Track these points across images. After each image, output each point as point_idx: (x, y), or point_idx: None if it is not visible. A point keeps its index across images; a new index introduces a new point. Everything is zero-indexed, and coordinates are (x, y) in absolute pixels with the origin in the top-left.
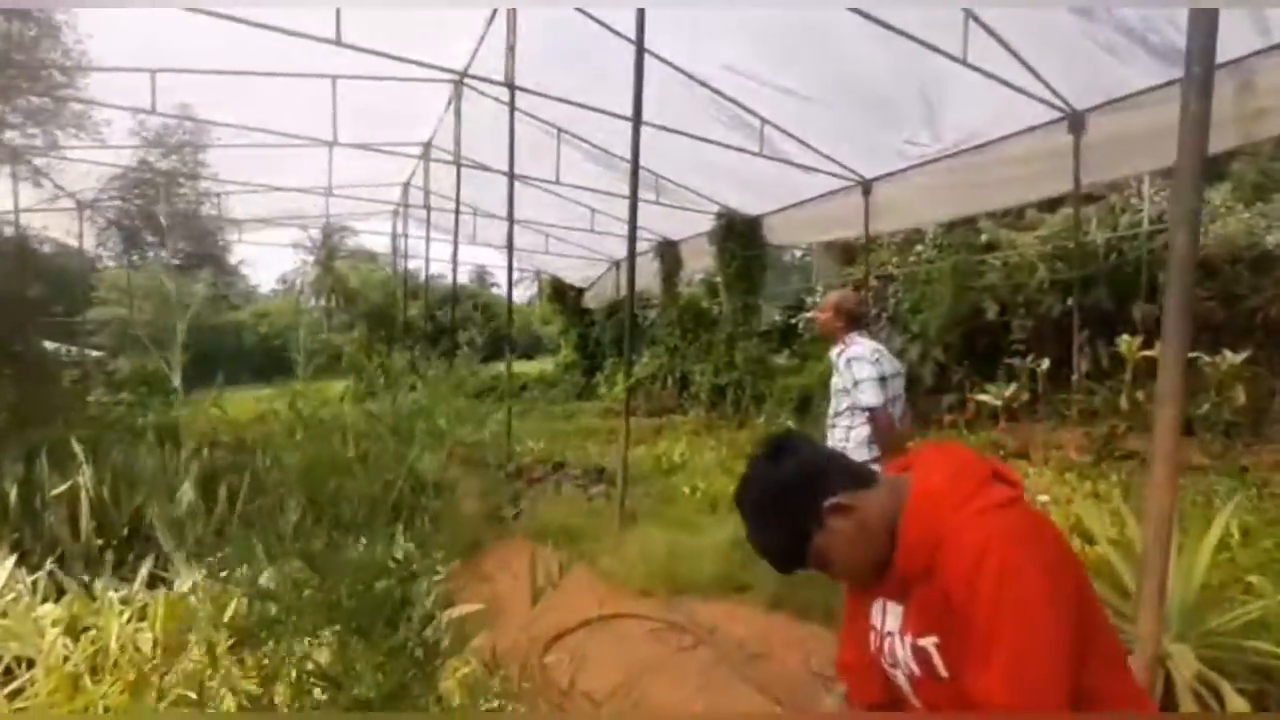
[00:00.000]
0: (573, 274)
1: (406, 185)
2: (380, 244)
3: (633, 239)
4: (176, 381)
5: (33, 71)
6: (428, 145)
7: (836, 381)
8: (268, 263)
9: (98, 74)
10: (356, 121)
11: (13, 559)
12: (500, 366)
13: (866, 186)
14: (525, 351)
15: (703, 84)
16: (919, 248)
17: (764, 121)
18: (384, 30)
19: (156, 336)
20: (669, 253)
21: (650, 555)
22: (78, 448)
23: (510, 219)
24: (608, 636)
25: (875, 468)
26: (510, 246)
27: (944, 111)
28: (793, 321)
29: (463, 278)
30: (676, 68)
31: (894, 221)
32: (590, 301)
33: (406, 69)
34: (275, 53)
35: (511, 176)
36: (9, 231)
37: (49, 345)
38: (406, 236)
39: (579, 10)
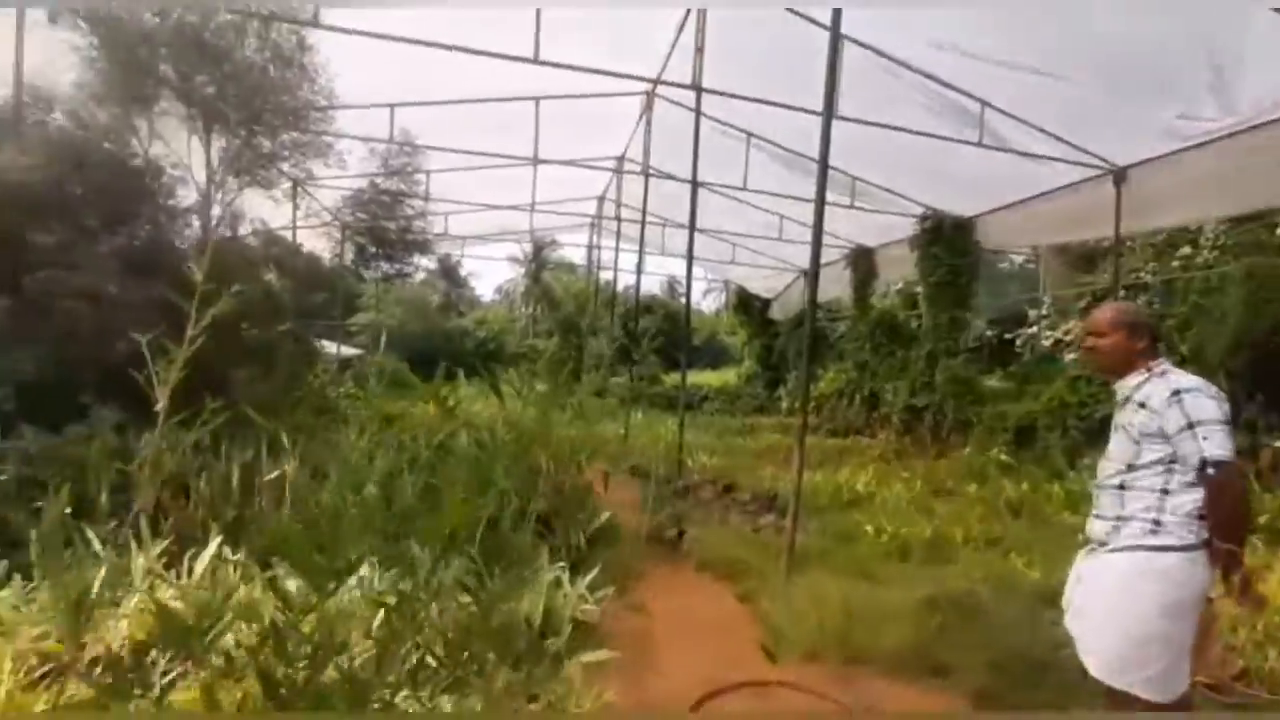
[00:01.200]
0: (759, 284)
1: (601, 199)
2: (580, 256)
3: (817, 242)
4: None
5: (293, 110)
6: (621, 159)
7: (1138, 421)
8: (490, 274)
9: (341, 108)
10: (556, 139)
11: (217, 540)
12: (692, 377)
13: (1119, 176)
14: (712, 362)
15: (907, 67)
16: (1184, 249)
17: (984, 105)
18: (579, 45)
19: (400, 337)
20: (863, 261)
21: (821, 609)
22: (285, 439)
23: (691, 227)
24: (759, 708)
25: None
26: (690, 254)
27: (1242, 75)
28: (1008, 338)
29: (654, 288)
30: (878, 52)
31: (1156, 218)
32: (776, 312)
33: (601, 83)
34: (482, 77)
35: (695, 184)
36: (277, 249)
37: (325, 343)
38: (599, 248)
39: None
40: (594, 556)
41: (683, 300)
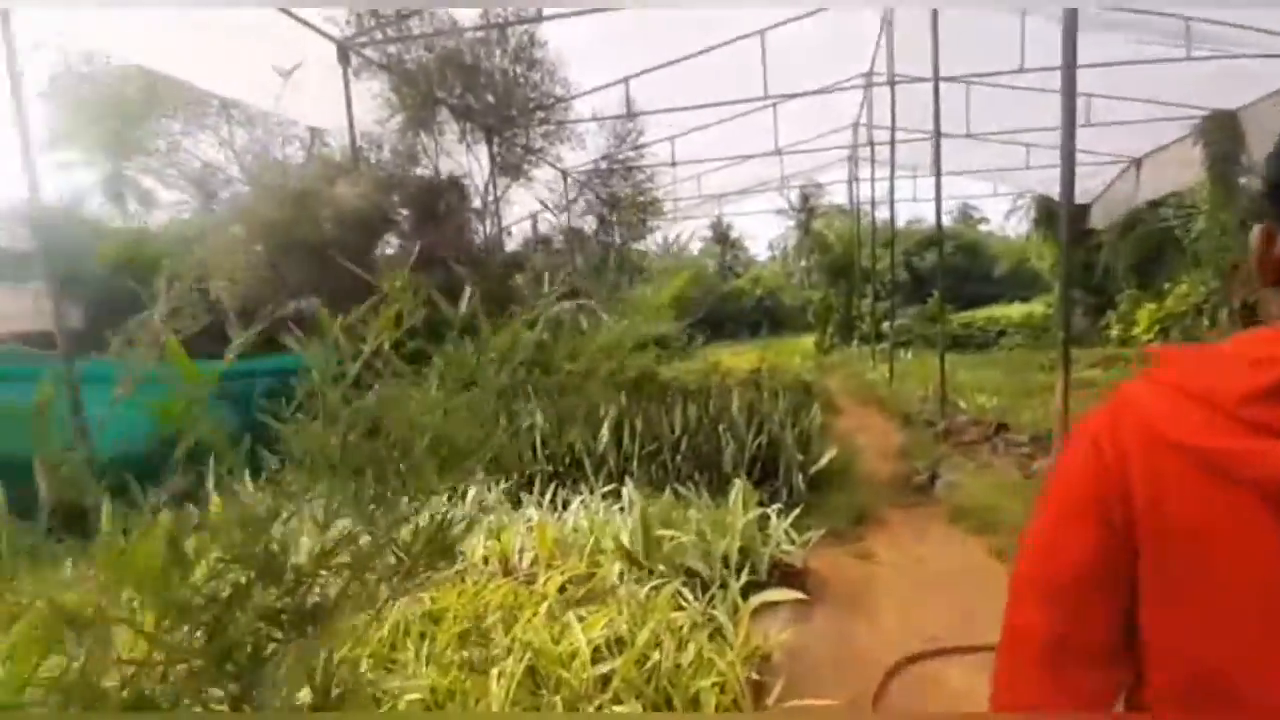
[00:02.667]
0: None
1: (855, 126)
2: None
3: None
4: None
5: (539, 105)
6: (868, 75)
7: None
8: (763, 233)
9: (579, 95)
10: (793, 73)
11: (479, 476)
12: (989, 312)
13: None
14: (1022, 292)
15: None
16: None
17: None
18: None
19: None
20: (1220, 129)
21: None
22: (531, 392)
23: (936, 131)
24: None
25: None
26: (938, 164)
27: None
28: None
29: (944, 217)
30: None
31: None
32: (1097, 218)
33: None
34: (701, 27)
35: (936, 79)
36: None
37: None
38: (857, 180)
39: None
40: (818, 500)
41: (981, 227)
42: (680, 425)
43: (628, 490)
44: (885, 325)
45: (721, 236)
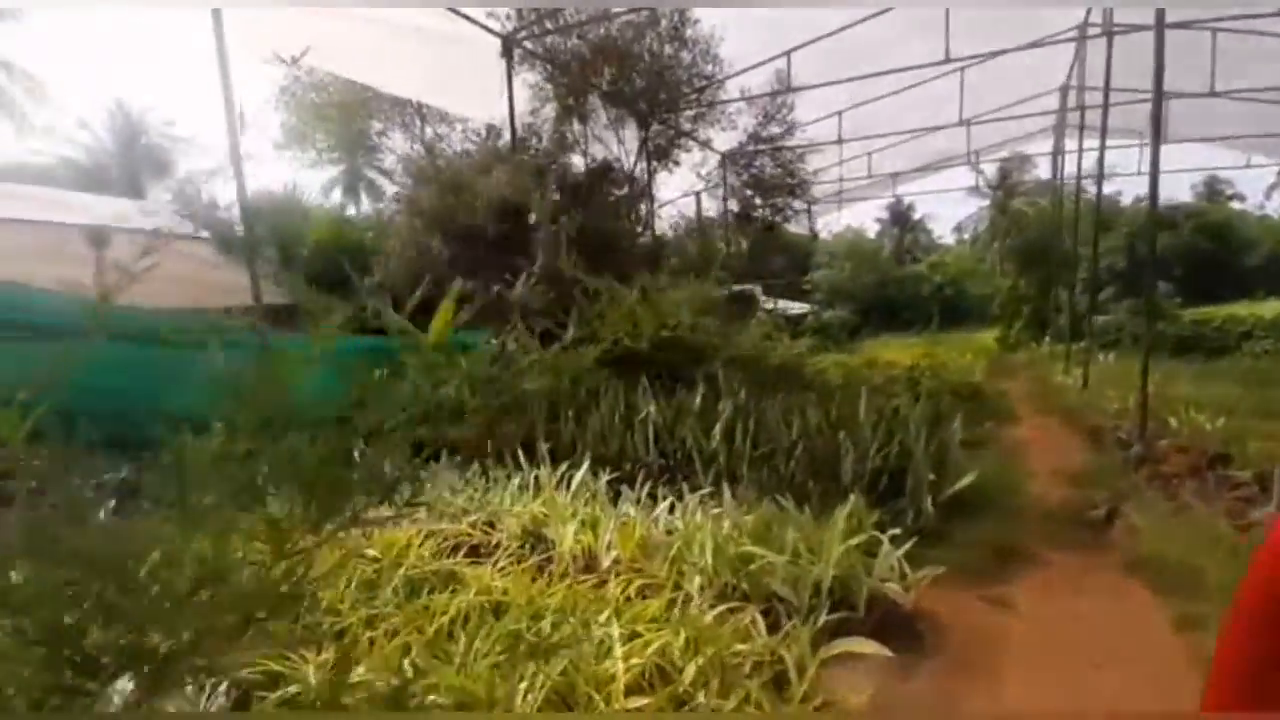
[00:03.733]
0: None
1: (1064, 89)
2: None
3: None
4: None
5: (692, 85)
6: (1083, 26)
7: None
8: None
9: (737, 75)
10: (978, 32)
11: (585, 467)
12: (1232, 309)
13: None
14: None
15: None
16: None
17: None
18: None
19: (851, 291)
20: None
21: None
22: (645, 384)
23: (1158, 84)
24: None
25: None
26: (1157, 125)
27: None
28: None
29: (1184, 193)
30: None
31: None
32: None
33: None
34: None
35: (1160, 27)
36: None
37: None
38: (1064, 154)
39: None
40: (951, 528)
41: (1233, 204)
42: (799, 427)
43: (726, 496)
44: (1099, 319)
45: (900, 218)
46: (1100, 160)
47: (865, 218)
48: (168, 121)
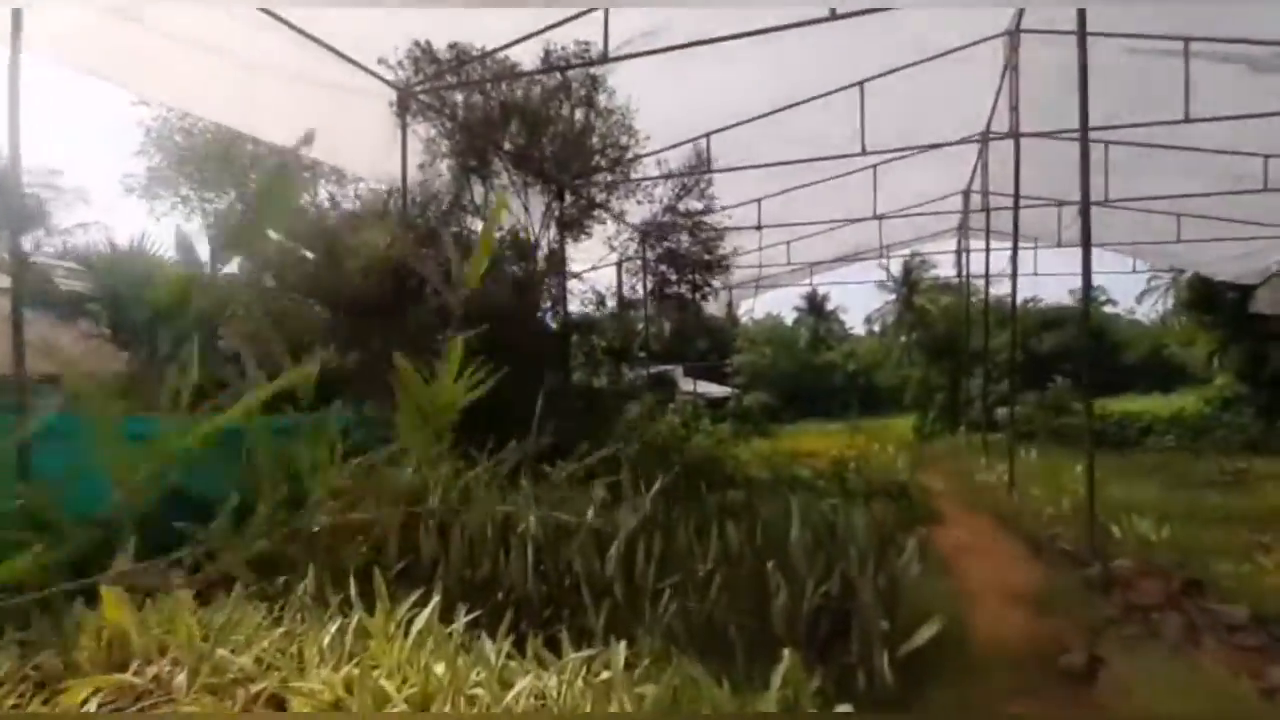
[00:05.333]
0: (1231, 268)
1: (966, 193)
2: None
3: None
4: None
5: (608, 156)
6: (985, 134)
7: None
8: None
9: (654, 153)
10: (897, 127)
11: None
12: (1122, 404)
13: None
14: (1159, 384)
15: None
16: None
17: None
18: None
19: (771, 376)
20: None
21: None
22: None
23: (1084, 186)
24: None
25: None
26: (1086, 231)
27: None
28: None
29: (1063, 296)
30: None
31: None
32: (1264, 305)
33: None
34: (790, 85)
35: (1084, 130)
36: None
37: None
38: (968, 251)
39: None
40: (910, 694)
41: (1106, 309)
42: (718, 550)
43: (615, 656)
44: (999, 411)
45: (817, 307)
46: (1014, 258)
47: (783, 305)
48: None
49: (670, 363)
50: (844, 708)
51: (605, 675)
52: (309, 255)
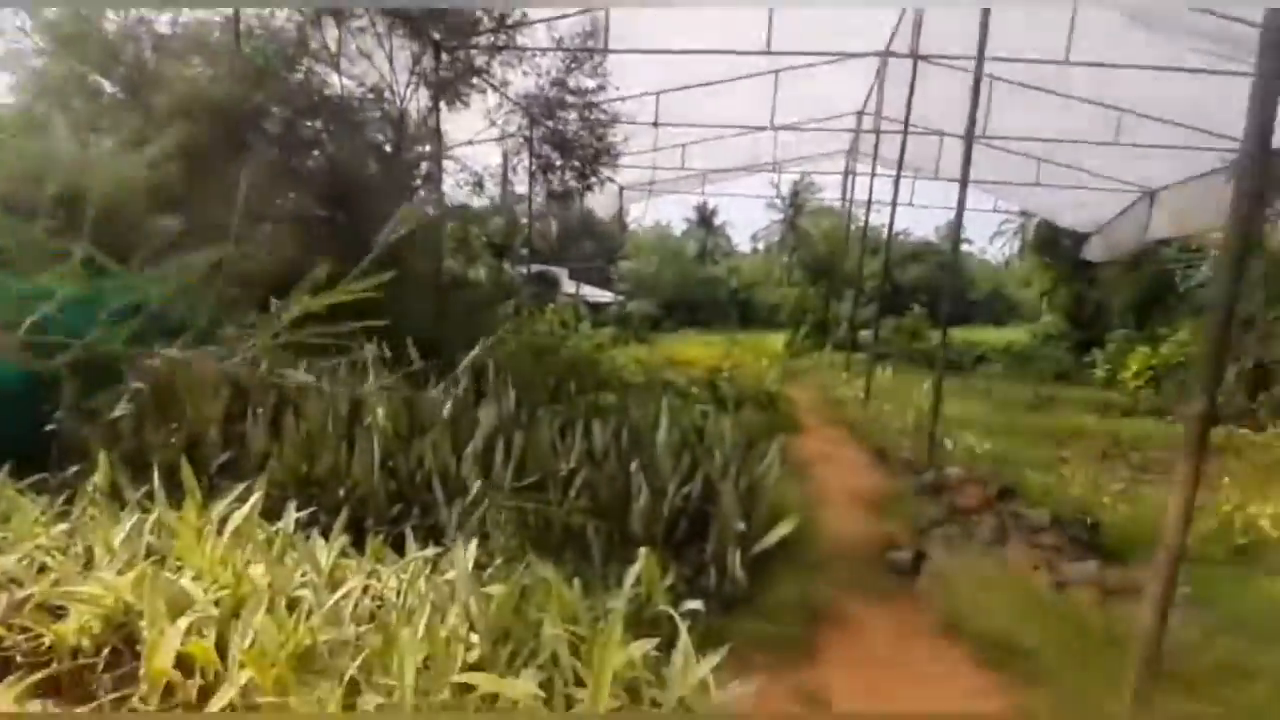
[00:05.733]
0: (1074, 216)
1: (860, 114)
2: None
3: None
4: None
5: (491, 14)
6: (885, 53)
7: None
8: (747, 224)
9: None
10: (805, 32)
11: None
12: (963, 333)
13: None
14: (995, 319)
15: None
16: None
17: None
18: None
19: (656, 285)
20: (1253, 168)
21: None
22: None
23: (970, 125)
24: None
25: None
26: (966, 170)
27: None
28: None
29: (929, 232)
30: None
31: None
32: (1095, 252)
33: None
34: None
35: (980, 61)
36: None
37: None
38: (854, 174)
39: None
40: (758, 591)
41: (962, 247)
42: (581, 450)
43: (460, 554)
44: (863, 334)
45: (706, 220)
46: (896, 184)
47: (674, 215)
48: None
49: (555, 264)
50: (694, 604)
51: (450, 575)
52: (106, 86)
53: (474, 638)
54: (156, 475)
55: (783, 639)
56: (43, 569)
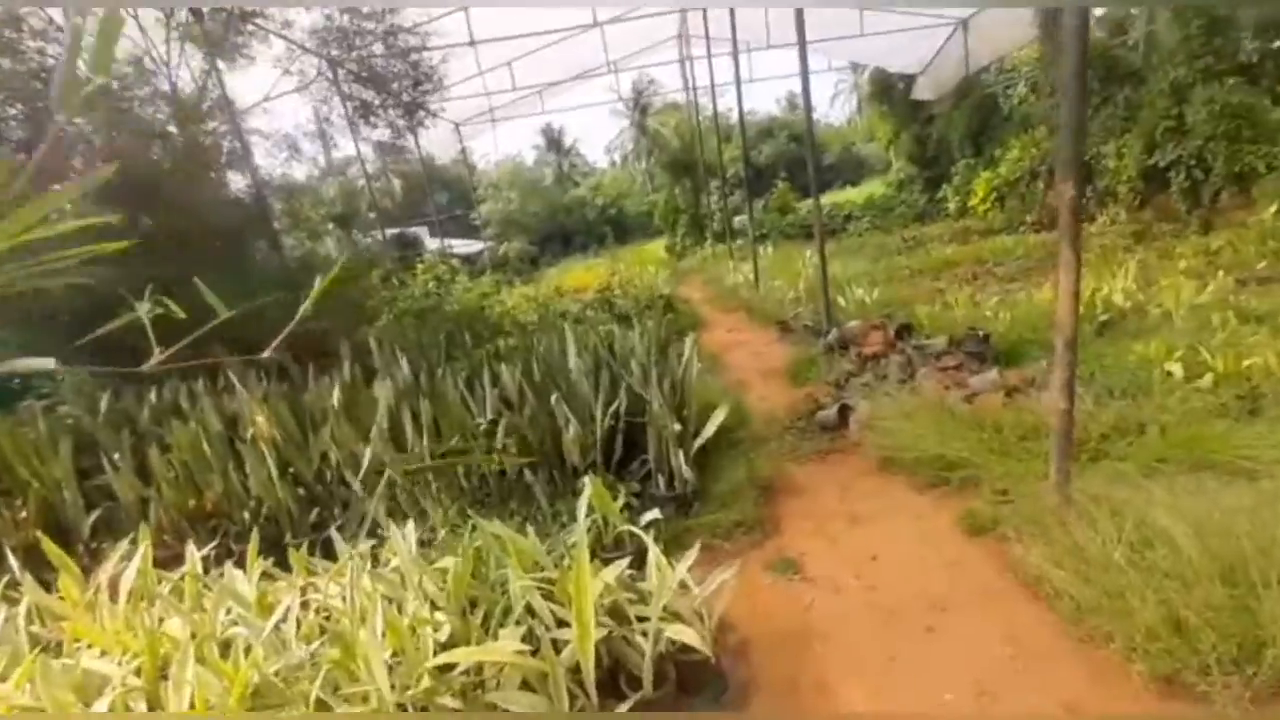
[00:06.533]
0: (899, 59)
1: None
2: (677, 80)
3: None
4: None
5: None
6: None
7: None
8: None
9: None
10: None
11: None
12: (827, 198)
13: None
14: (851, 179)
15: None
16: None
17: None
18: None
19: (523, 221)
20: None
21: (1161, 566)
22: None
23: None
24: None
25: None
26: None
27: None
28: None
29: (771, 107)
30: None
31: None
32: (925, 91)
33: None
34: None
35: None
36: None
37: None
38: (690, 59)
39: None
40: (706, 484)
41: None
42: (494, 398)
43: (397, 539)
44: (737, 220)
45: (555, 143)
46: (735, 64)
47: (521, 144)
48: None
49: (413, 223)
50: (652, 514)
51: (395, 562)
52: None
53: (440, 616)
54: (13, 560)
55: (743, 521)
56: None
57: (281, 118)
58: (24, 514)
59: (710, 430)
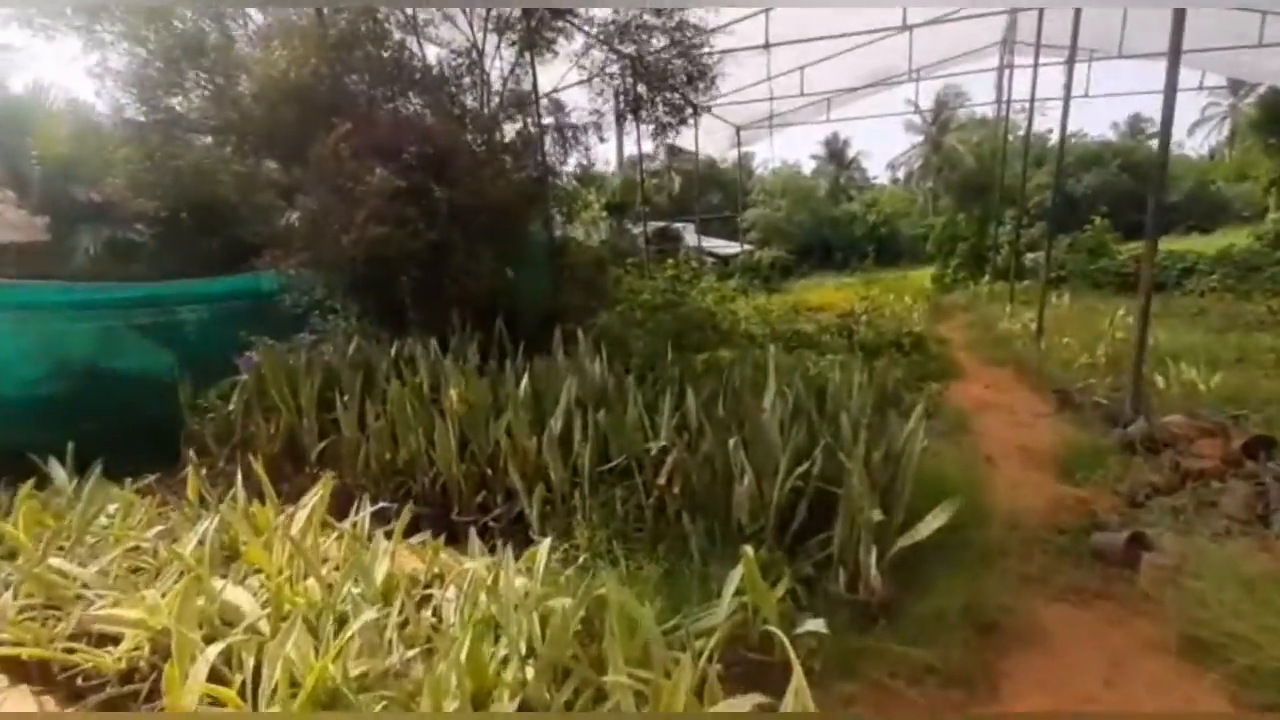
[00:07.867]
0: None
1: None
2: (990, 93)
3: None
4: None
5: None
6: None
7: None
8: (883, 150)
9: None
10: None
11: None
12: (1162, 244)
13: None
14: (1198, 225)
15: None
16: None
17: None
18: None
19: (787, 230)
20: None
21: None
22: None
23: None
24: None
25: None
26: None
27: None
28: None
29: (1104, 129)
30: None
31: None
32: None
33: None
34: None
35: None
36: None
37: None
38: (1011, 68)
39: None
40: (909, 599)
41: (1153, 143)
42: (673, 425)
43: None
44: (1029, 258)
45: (837, 155)
46: (1069, 71)
47: (800, 152)
48: None
49: (681, 219)
50: (815, 624)
51: (523, 581)
52: (207, 81)
53: (528, 672)
54: (240, 477)
55: (944, 666)
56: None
57: (570, 109)
58: (273, 430)
59: (925, 532)
